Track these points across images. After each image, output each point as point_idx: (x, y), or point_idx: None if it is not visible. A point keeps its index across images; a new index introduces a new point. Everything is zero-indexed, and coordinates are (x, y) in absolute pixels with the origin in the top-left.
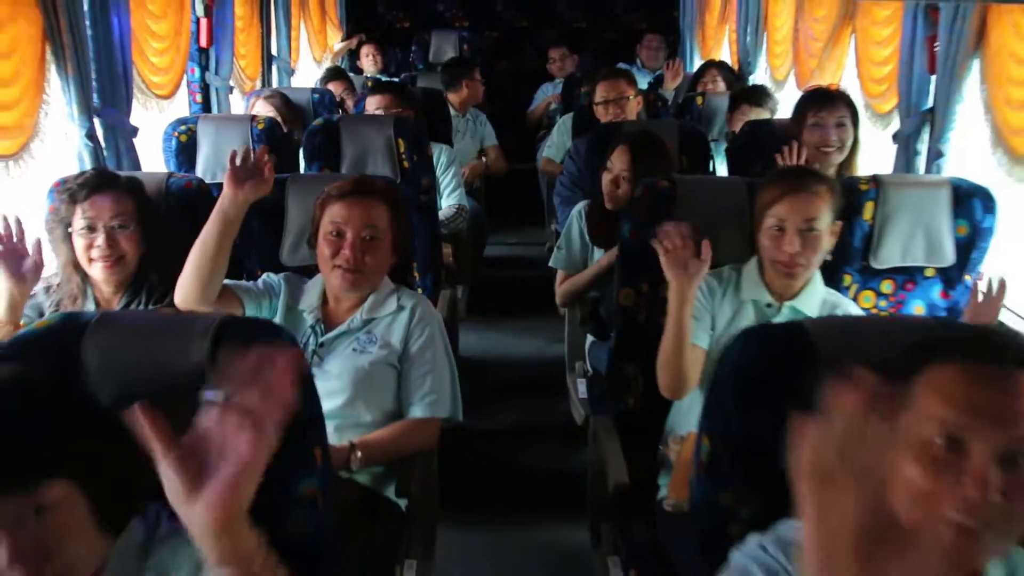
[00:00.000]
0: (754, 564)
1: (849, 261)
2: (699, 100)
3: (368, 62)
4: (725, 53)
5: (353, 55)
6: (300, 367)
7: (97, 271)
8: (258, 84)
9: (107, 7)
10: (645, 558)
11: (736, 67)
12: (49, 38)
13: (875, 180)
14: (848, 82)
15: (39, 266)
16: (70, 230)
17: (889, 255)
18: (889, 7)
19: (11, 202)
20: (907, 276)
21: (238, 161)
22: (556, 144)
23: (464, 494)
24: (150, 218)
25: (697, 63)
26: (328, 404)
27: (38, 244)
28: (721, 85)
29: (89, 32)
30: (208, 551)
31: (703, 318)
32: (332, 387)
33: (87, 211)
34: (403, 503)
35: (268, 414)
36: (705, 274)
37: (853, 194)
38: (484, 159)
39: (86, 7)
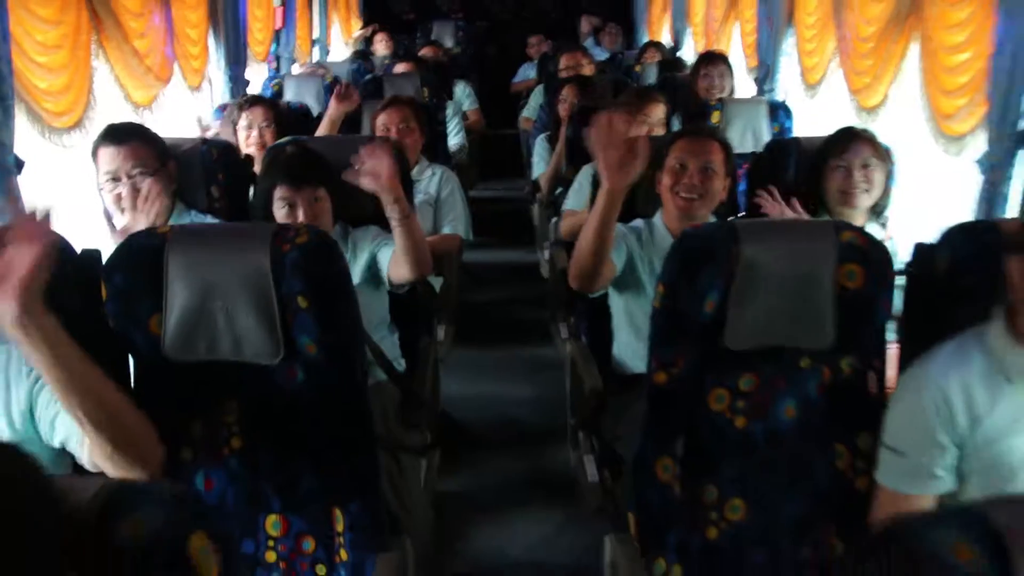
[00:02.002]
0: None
1: None
2: (637, 67)
3: (381, 46)
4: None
5: (369, 40)
6: None
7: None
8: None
9: None
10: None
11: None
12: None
13: None
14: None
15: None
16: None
17: None
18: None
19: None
20: None
21: (342, 90)
22: (532, 107)
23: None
24: None
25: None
26: None
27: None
28: (657, 57)
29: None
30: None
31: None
32: None
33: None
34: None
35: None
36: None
37: None
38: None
39: None
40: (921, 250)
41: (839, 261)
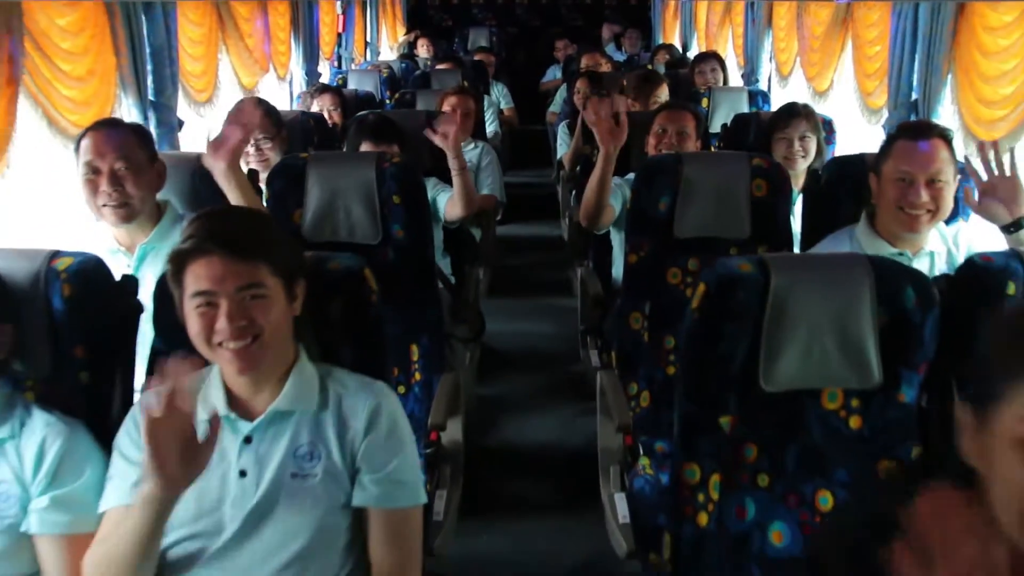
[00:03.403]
0: None
1: None
2: (649, 66)
3: (423, 49)
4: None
5: (412, 45)
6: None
7: None
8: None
9: None
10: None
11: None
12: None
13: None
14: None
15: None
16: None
17: None
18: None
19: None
20: None
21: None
22: (557, 103)
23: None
24: None
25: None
26: None
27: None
28: (666, 57)
29: None
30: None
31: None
32: None
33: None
34: None
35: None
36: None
37: None
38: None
39: None
40: (812, 175)
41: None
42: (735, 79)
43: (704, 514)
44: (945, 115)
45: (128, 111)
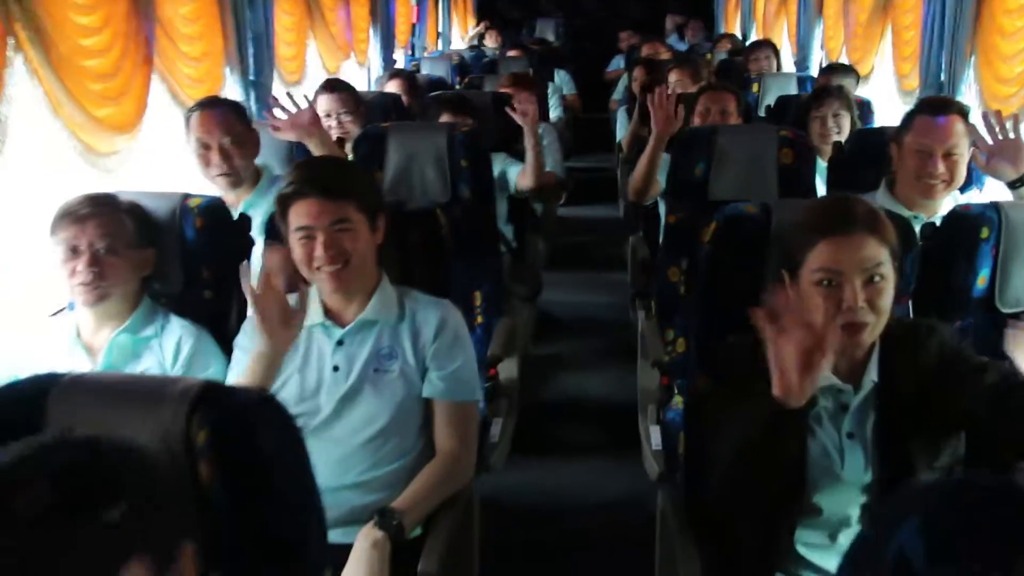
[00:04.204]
0: None
1: None
2: (709, 55)
3: (491, 39)
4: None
5: (481, 35)
6: None
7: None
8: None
9: None
10: None
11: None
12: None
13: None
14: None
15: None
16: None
17: None
18: None
19: None
20: None
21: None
22: (619, 91)
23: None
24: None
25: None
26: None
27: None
28: (728, 46)
29: None
30: None
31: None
32: None
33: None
34: None
35: None
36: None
37: None
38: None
39: None
40: (836, 146)
41: None
42: (789, 66)
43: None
44: (969, 94)
45: (232, 88)
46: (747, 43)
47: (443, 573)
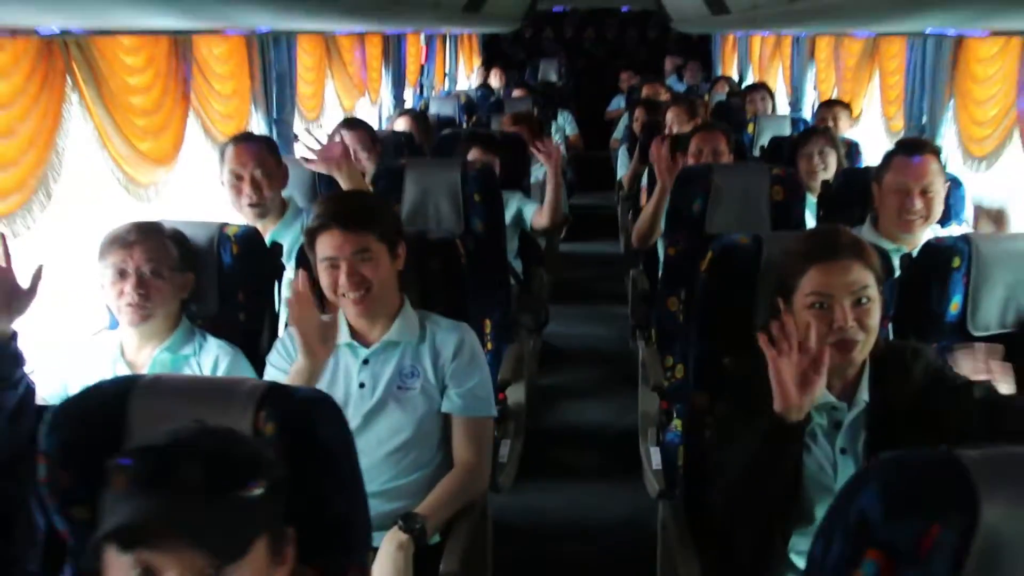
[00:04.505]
0: None
1: None
2: (707, 96)
3: (496, 79)
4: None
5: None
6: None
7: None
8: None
9: None
10: None
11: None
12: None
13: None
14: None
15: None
16: None
17: None
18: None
19: None
20: None
21: None
22: (620, 129)
23: None
24: None
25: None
26: None
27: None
28: (725, 87)
29: None
30: None
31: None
32: None
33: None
34: None
35: None
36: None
37: None
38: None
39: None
40: (824, 184)
41: None
42: (784, 106)
43: (710, 431)
44: (948, 135)
45: (258, 125)
46: (743, 85)
47: (463, 574)
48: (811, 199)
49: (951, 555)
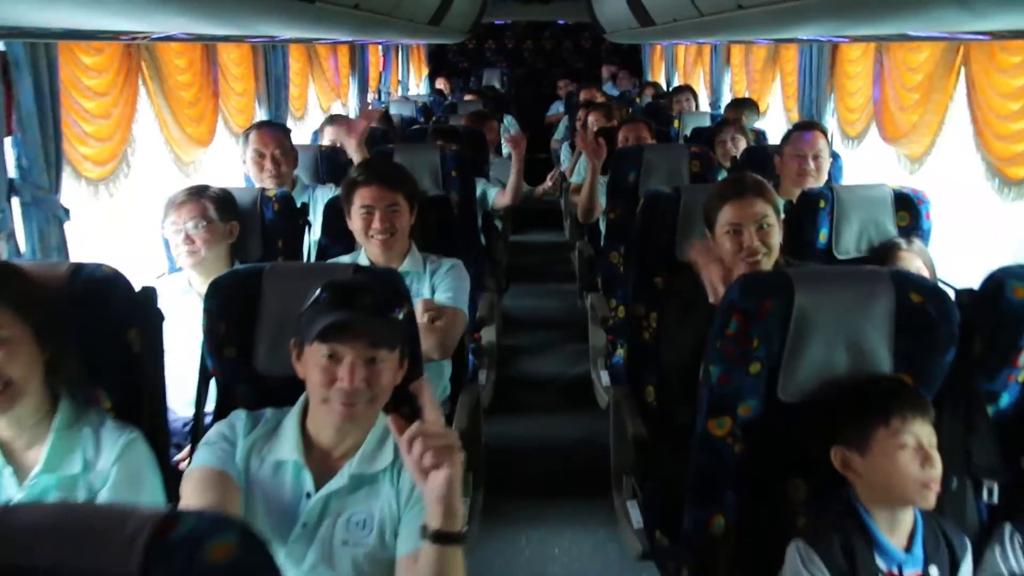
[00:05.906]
0: None
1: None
2: (637, 99)
3: (442, 87)
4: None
5: (431, 82)
6: None
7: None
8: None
9: None
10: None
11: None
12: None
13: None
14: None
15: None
16: None
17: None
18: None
19: None
20: None
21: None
22: (560, 131)
23: None
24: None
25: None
26: None
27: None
28: (651, 92)
29: None
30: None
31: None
32: None
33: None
34: None
35: None
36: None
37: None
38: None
39: None
40: (732, 160)
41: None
42: (705, 106)
43: (648, 333)
44: (831, 120)
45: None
46: (670, 88)
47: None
48: (724, 174)
49: (779, 318)
